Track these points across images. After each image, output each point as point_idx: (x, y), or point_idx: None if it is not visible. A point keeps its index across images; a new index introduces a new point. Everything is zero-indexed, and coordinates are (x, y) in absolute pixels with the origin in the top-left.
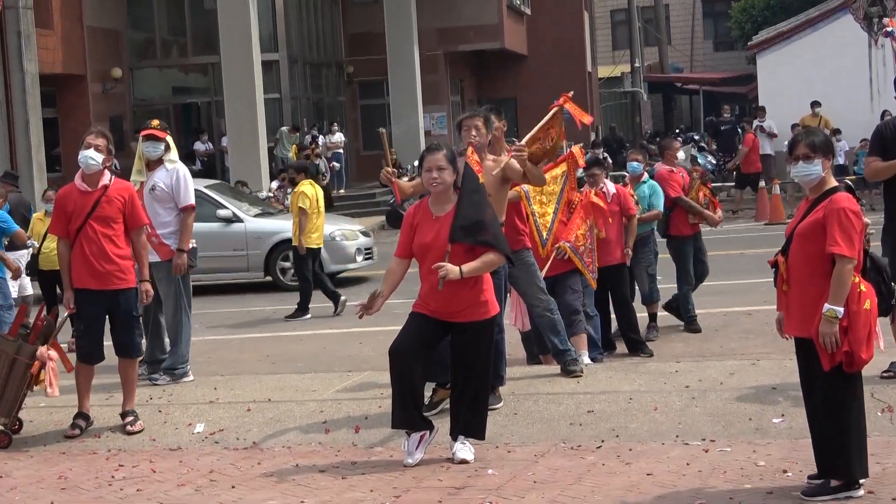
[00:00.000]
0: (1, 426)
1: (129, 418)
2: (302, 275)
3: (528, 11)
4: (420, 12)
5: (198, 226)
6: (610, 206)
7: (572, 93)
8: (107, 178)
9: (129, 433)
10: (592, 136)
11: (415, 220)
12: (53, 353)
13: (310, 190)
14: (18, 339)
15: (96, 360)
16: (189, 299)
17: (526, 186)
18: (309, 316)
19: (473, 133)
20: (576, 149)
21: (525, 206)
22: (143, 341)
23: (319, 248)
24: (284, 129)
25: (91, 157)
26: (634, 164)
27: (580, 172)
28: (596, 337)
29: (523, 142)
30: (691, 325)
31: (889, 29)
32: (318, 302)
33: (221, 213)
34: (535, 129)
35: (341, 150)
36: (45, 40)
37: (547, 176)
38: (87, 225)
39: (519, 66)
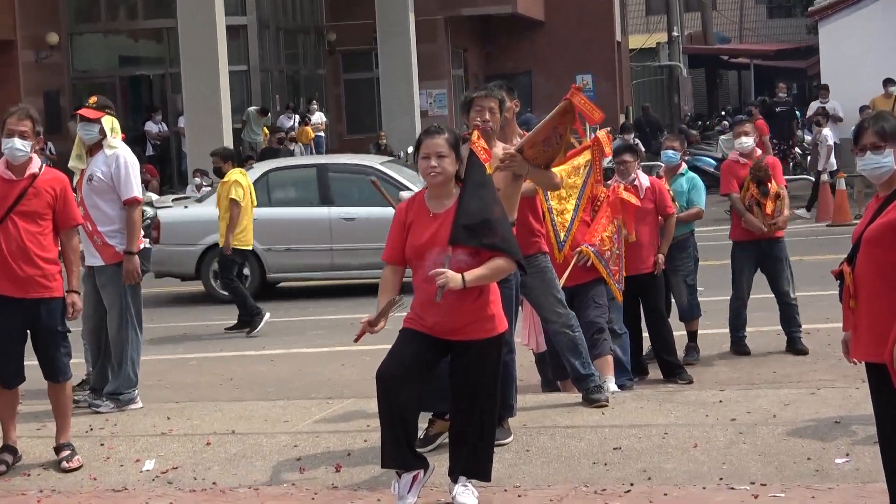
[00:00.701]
0: None
1: (65, 453)
2: (228, 280)
3: None
4: None
5: None
6: (643, 202)
7: (587, 82)
8: (36, 165)
9: (66, 471)
10: (622, 119)
11: (408, 217)
12: None
13: (243, 180)
14: None
15: (14, 383)
16: (139, 311)
17: None
18: (264, 319)
19: (487, 116)
20: (601, 134)
21: (541, 203)
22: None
23: (248, 251)
24: (252, 109)
25: (17, 147)
26: (670, 152)
27: (607, 162)
28: (624, 359)
29: (516, 146)
30: (739, 346)
31: None
32: (299, 314)
33: None
34: (536, 128)
35: (322, 134)
36: None
37: (567, 166)
38: (8, 219)
39: (534, 35)
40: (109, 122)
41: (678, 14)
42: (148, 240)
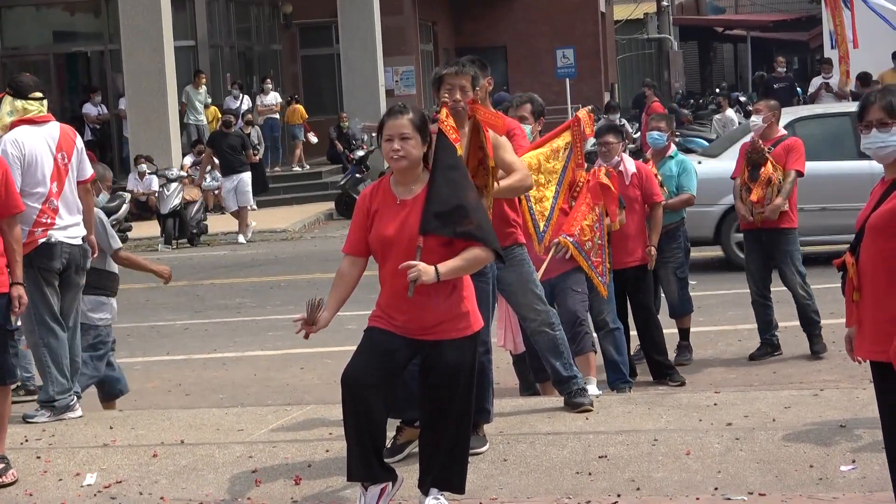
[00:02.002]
0: None
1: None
2: None
3: None
4: None
5: None
6: (628, 189)
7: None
8: None
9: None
10: (606, 98)
11: (372, 205)
12: None
13: None
14: None
15: None
16: (49, 309)
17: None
18: None
19: (458, 95)
20: (582, 113)
21: None
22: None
23: None
24: (188, 87)
25: None
26: (655, 134)
27: (590, 145)
28: (619, 360)
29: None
30: (765, 348)
31: None
32: (253, 313)
33: None
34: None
35: (276, 116)
36: None
37: (545, 149)
38: None
39: (510, 6)
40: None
41: None
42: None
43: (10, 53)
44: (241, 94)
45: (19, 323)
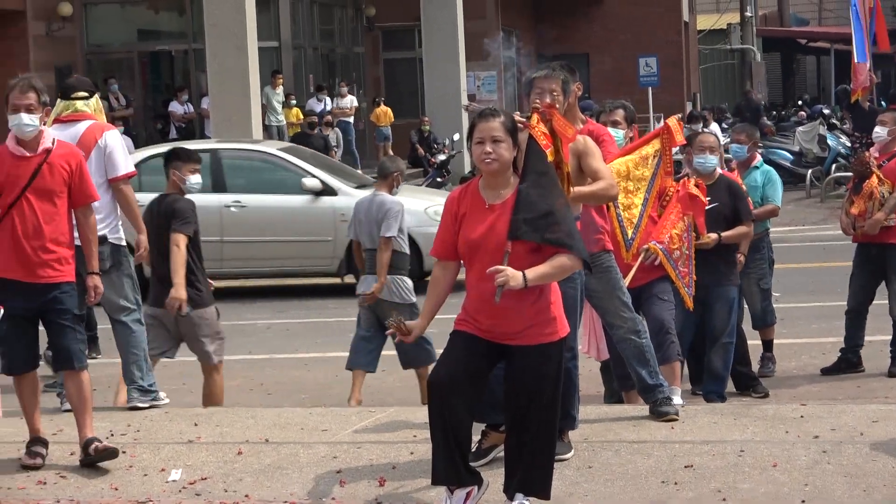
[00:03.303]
0: None
1: (94, 444)
2: None
3: None
4: None
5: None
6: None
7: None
8: (48, 139)
9: (98, 451)
10: (688, 107)
11: (460, 208)
12: None
13: None
14: None
15: (23, 369)
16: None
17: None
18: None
19: (548, 99)
20: (672, 121)
21: None
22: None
23: None
24: (266, 88)
25: (25, 122)
26: (735, 146)
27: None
28: (724, 373)
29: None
30: (843, 363)
31: None
32: (335, 315)
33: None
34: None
35: (350, 119)
36: None
37: (634, 156)
38: (22, 199)
39: (592, 14)
40: None
41: None
42: None
43: (95, 51)
44: (324, 97)
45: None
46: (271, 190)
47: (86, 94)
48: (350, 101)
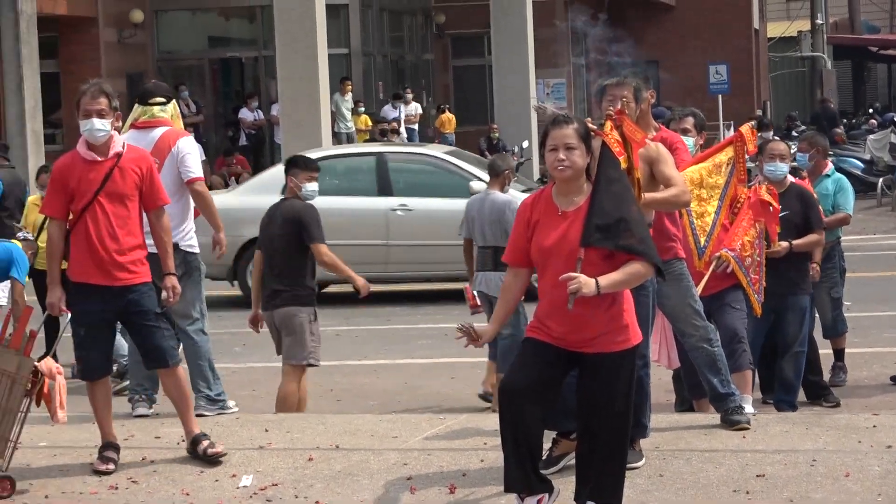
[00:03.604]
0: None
1: (205, 442)
2: None
3: None
4: None
5: None
6: None
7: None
8: (118, 143)
9: (212, 456)
10: (758, 113)
11: (533, 215)
12: (62, 367)
13: None
14: (20, 351)
15: (101, 375)
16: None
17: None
18: None
19: (619, 106)
20: (745, 128)
21: None
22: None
23: None
24: (336, 95)
25: (97, 127)
26: (798, 155)
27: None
28: (795, 383)
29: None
30: None
31: None
32: (403, 322)
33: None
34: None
35: (415, 126)
36: None
37: (707, 164)
38: (94, 203)
39: (663, 20)
40: None
41: (823, 0)
42: None
43: (165, 58)
44: (400, 104)
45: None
46: (437, 193)
47: (163, 99)
48: (415, 107)
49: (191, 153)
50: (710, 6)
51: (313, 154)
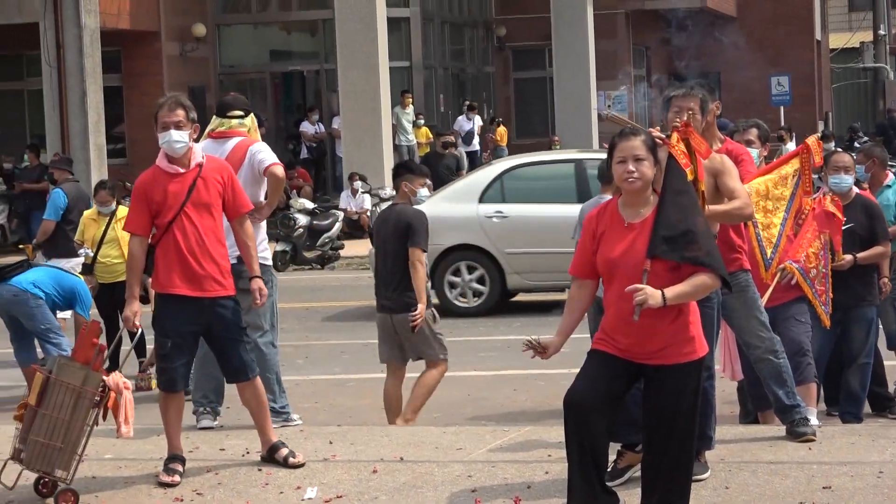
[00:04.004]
0: (63, 483)
1: (284, 451)
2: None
3: None
4: None
5: None
6: None
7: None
8: (199, 154)
9: (294, 466)
10: (821, 127)
11: (599, 227)
12: (128, 382)
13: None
14: (87, 366)
15: (182, 386)
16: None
17: (746, 187)
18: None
19: (685, 118)
20: (811, 140)
21: None
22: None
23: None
24: (396, 108)
25: (175, 140)
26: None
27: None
28: (861, 394)
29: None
30: None
31: None
32: (466, 333)
33: None
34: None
35: (477, 139)
36: None
37: (773, 175)
38: (182, 214)
39: (724, 32)
40: None
41: (885, 10)
42: None
43: (228, 71)
44: (474, 116)
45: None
46: None
47: (241, 113)
48: (476, 120)
49: (264, 150)
50: (772, 18)
51: (513, 161)
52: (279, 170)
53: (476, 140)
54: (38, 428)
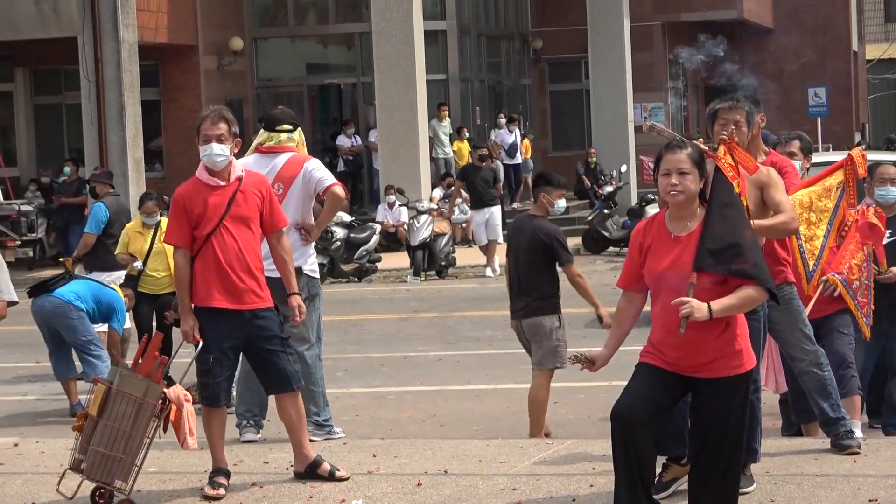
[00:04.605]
0: (122, 494)
1: (327, 465)
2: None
3: None
4: None
5: None
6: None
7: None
8: (238, 168)
9: (341, 479)
10: (857, 138)
11: (646, 240)
12: (188, 394)
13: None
14: (149, 378)
15: (225, 400)
16: None
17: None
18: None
19: (732, 129)
20: (856, 152)
21: None
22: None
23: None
24: (433, 121)
25: (217, 153)
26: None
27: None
28: None
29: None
30: None
31: None
32: (504, 346)
33: None
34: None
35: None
36: (146, 0)
37: (817, 187)
38: (221, 227)
39: (761, 44)
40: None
41: None
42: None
43: (265, 84)
44: (515, 129)
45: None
46: None
47: (290, 127)
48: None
49: (320, 168)
50: (809, 29)
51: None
52: (340, 190)
53: (519, 153)
54: (100, 438)
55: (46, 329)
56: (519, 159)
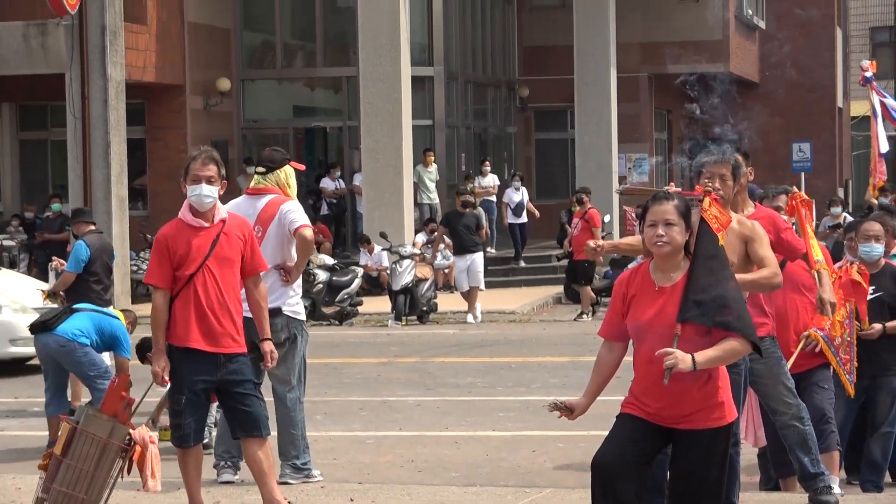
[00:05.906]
0: None
1: None
2: None
3: (763, 25)
4: (619, 22)
5: None
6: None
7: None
8: (222, 210)
9: None
10: (840, 193)
11: (629, 290)
12: (154, 435)
13: None
14: (115, 418)
15: (196, 441)
16: None
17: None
18: None
19: (718, 184)
20: (793, 190)
21: None
22: None
23: None
24: (418, 167)
25: (206, 195)
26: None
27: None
28: (882, 463)
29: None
30: None
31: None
32: (484, 393)
33: None
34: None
35: (493, 198)
36: (135, 38)
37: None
38: (203, 268)
39: (747, 98)
40: None
41: None
42: None
43: (251, 126)
44: (521, 187)
45: None
46: None
47: (262, 169)
48: (492, 179)
49: (295, 210)
50: (795, 84)
51: None
52: (308, 231)
53: (525, 213)
54: (62, 478)
55: (52, 366)
56: (525, 218)
